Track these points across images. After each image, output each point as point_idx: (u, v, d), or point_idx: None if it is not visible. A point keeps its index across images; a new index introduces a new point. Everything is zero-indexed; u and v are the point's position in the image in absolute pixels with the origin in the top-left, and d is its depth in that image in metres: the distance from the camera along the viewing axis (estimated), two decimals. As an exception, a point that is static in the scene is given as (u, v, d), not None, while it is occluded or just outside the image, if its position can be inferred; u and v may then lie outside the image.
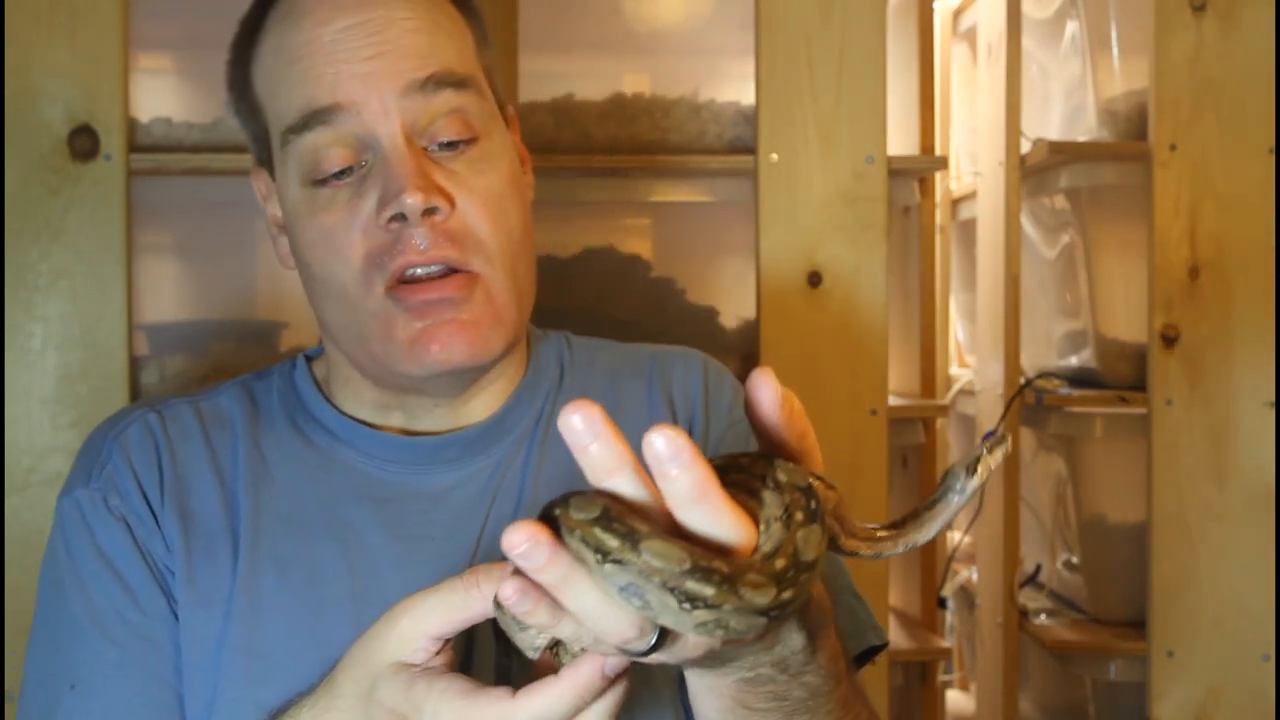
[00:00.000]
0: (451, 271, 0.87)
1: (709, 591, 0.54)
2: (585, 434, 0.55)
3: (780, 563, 0.56)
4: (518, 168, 0.94)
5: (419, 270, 0.86)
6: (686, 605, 0.54)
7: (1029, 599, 2.17)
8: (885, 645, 0.97)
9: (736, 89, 1.85)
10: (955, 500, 0.70)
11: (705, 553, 0.55)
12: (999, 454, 0.71)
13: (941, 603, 2.28)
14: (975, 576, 2.33)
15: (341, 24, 0.87)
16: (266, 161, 0.94)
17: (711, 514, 0.56)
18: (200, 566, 0.89)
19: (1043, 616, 2.12)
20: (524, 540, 0.55)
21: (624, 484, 0.56)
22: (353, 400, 0.96)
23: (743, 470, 0.61)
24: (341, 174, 0.87)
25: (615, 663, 0.61)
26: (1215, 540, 1.91)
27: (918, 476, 2.24)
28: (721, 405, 0.99)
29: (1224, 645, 1.91)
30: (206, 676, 0.87)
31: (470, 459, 0.94)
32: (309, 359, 1.01)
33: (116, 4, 1.65)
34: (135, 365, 1.69)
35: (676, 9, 1.92)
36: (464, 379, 0.91)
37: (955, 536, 2.51)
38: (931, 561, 2.26)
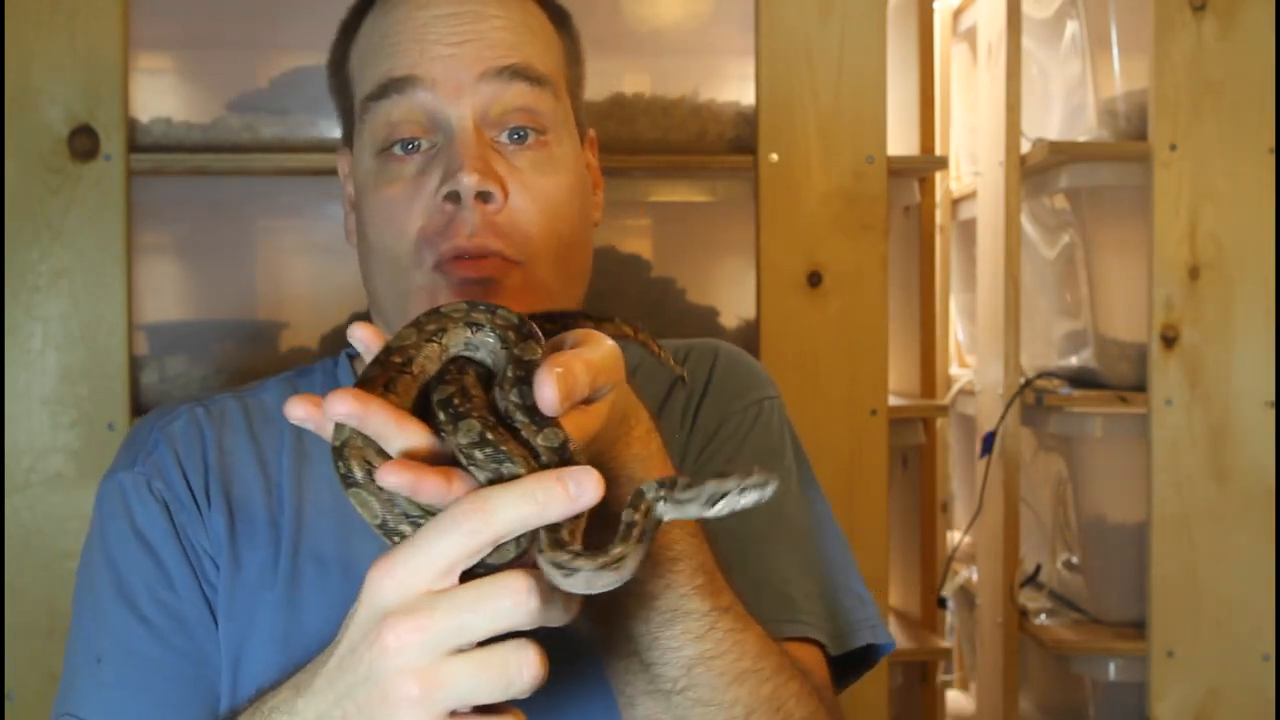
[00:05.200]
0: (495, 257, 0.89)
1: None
2: (345, 417, 0.62)
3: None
4: (584, 183, 0.97)
5: (465, 257, 0.88)
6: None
7: (1029, 599, 2.17)
8: (889, 647, 0.95)
9: (736, 89, 1.85)
10: (691, 512, 0.65)
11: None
12: (750, 499, 0.64)
13: (941, 603, 2.28)
14: (975, 576, 2.33)
15: (437, 11, 0.91)
16: (350, 140, 0.98)
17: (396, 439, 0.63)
18: (245, 551, 0.90)
19: (1043, 616, 2.12)
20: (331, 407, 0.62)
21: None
22: None
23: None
24: (410, 147, 0.90)
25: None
26: (1215, 540, 1.91)
27: (917, 476, 2.24)
28: (725, 392, 1.00)
29: (1224, 645, 1.91)
30: (240, 661, 0.88)
31: None
32: (351, 357, 1.02)
33: (116, 4, 1.65)
34: (135, 365, 1.69)
35: (676, 9, 1.92)
36: None
37: (955, 536, 2.51)
38: (932, 561, 2.26)
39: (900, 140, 2.19)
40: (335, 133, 1.75)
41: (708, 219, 1.97)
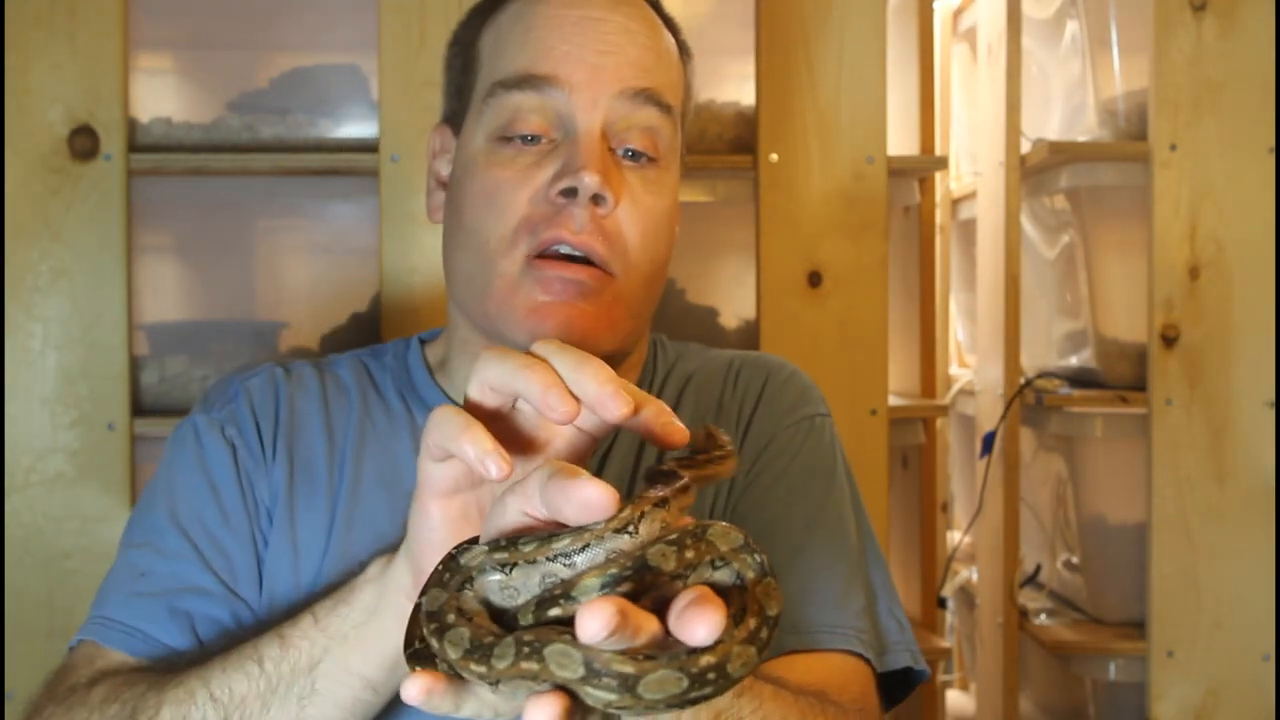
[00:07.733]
0: (591, 264, 0.90)
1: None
2: None
3: (753, 622, 0.57)
4: (676, 215, 0.98)
5: (564, 249, 0.89)
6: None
7: (1029, 599, 2.17)
8: (924, 674, 0.96)
9: (736, 89, 1.85)
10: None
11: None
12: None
13: (941, 603, 2.28)
14: (975, 576, 2.33)
15: (585, 13, 0.92)
16: (456, 118, 0.98)
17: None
18: (302, 512, 0.94)
19: (1043, 616, 2.12)
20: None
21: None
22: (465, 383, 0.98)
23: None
24: (528, 139, 0.91)
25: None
26: (1215, 540, 1.91)
27: (918, 476, 2.24)
28: (775, 409, 1.01)
29: (1224, 645, 1.91)
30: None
31: None
32: (423, 341, 1.04)
33: (116, 4, 1.65)
34: (135, 365, 1.69)
35: (676, 9, 1.91)
36: None
37: (955, 536, 2.51)
38: (931, 561, 2.25)
39: (900, 140, 2.19)
40: (334, 133, 1.76)
41: (708, 219, 1.97)
